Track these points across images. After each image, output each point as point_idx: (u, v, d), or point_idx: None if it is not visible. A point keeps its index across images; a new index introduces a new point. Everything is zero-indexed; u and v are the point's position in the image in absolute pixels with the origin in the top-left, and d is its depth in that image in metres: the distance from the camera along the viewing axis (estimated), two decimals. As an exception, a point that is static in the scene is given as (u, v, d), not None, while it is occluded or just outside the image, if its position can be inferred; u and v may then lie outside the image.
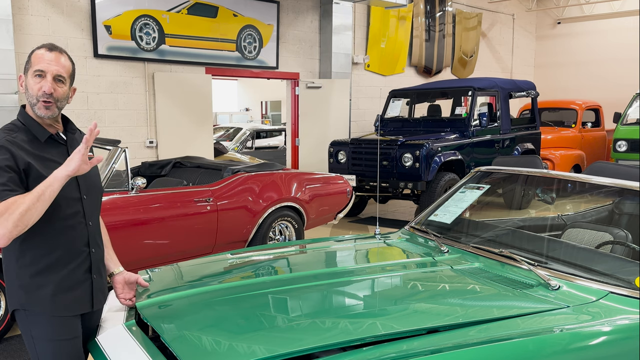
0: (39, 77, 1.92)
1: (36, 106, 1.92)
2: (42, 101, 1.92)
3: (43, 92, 1.91)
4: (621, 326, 2.00)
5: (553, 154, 9.72)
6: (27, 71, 1.95)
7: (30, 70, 1.93)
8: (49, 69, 1.93)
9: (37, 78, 1.92)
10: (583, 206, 3.66)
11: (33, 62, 1.93)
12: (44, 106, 1.92)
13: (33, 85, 1.92)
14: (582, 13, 14.15)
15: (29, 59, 1.96)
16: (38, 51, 1.95)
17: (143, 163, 6.07)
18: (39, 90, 1.91)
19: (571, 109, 10.97)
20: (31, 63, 1.94)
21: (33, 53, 1.96)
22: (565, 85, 14.25)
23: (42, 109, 1.92)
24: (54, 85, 1.93)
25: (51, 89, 1.92)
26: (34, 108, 1.93)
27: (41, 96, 1.91)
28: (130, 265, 4.14)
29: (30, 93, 1.93)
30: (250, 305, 2.09)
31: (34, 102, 1.92)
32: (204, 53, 7.88)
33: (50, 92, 1.91)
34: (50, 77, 1.93)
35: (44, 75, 1.92)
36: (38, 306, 1.93)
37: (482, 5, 12.91)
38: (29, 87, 1.93)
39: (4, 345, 3.96)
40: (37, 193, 1.77)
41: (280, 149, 11.87)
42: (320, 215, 5.95)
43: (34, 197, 1.76)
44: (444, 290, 2.30)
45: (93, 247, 2.05)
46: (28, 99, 1.94)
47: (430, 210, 3.22)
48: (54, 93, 1.92)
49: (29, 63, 1.95)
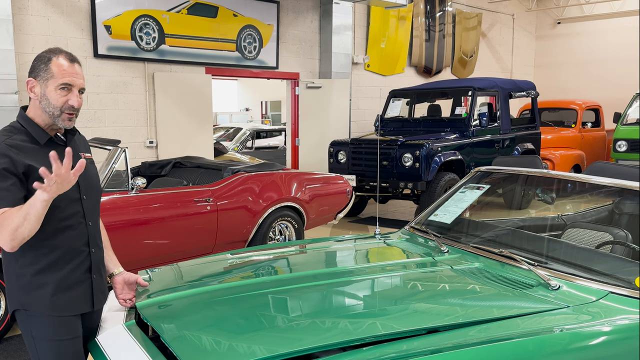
0: (65, 90, 1.92)
1: (60, 118, 1.93)
2: (66, 113, 1.93)
3: (71, 106, 1.92)
4: (621, 326, 2.00)
5: (553, 154, 9.72)
6: (45, 80, 1.91)
7: (53, 82, 1.90)
8: (76, 82, 1.93)
9: (62, 91, 1.91)
10: (583, 206, 3.66)
11: (56, 74, 1.90)
12: (68, 118, 1.94)
13: (57, 97, 1.91)
14: (582, 13, 14.15)
15: (47, 67, 1.91)
16: (58, 61, 1.92)
17: (143, 163, 6.07)
18: (66, 103, 1.92)
19: (571, 109, 10.97)
20: (52, 74, 1.91)
21: (52, 62, 1.91)
22: (565, 85, 14.25)
23: (67, 121, 1.94)
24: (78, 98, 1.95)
25: (79, 103, 1.95)
26: (56, 119, 1.93)
27: (66, 109, 1.92)
28: (130, 265, 4.14)
29: (52, 104, 1.91)
30: (250, 305, 2.09)
31: (57, 114, 1.92)
32: (204, 53, 7.88)
33: (78, 106, 1.95)
34: (77, 91, 1.94)
35: (71, 89, 1.93)
36: (38, 306, 1.93)
37: (482, 5, 12.91)
38: (50, 98, 1.91)
39: (4, 345, 3.96)
40: (23, 214, 1.76)
41: (280, 149, 11.87)
42: (320, 215, 5.95)
43: (21, 217, 1.76)
44: (444, 290, 2.30)
45: (93, 247, 2.05)
46: (47, 109, 1.92)
47: (430, 210, 3.22)
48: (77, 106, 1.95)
49: (48, 72, 1.91)
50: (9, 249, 1.81)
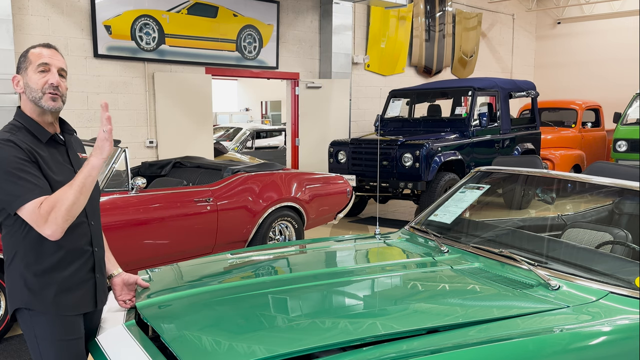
0: (43, 71, 1.92)
1: (42, 99, 1.92)
2: (48, 93, 1.92)
3: (50, 84, 1.91)
4: (621, 326, 2.00)
5: (553, 154, 9.72)
6: (25, 69, 1.94)
7: (32, 67, 1.92)
8: (53, 62, 1.94)
9: (41, 73, 1.92)
10: (583, 206, 3.66)
11: (32, 60, 1.93)
12: (51, 98, 1.92)
13: (37, 80, 1.91)
14: (582, 13, 14.15)
15: (25, 58, 1.95)
16: (34, 50, 1.96)
17: (143, 163, 6.07)
18: (45, 84, 1.91)
19: (571, 109, 10.97)
20: (30, 60, 1.94)
21: (29, 52, 1.96)
22: (566, 85, 14.25)
23: (49, 100, 1.92)
24: (59, 79, 1.95)
25: (58, 81, 1.93)
26: (39, 102, 1.92)
27: (47, 88, 1.91)
28: (130, 265, 4.15)
29: (33, 88, 1.92)
30: (250, 305, 2.09)
31: (39, 96, 1.91)
32: (204, 53, 7.88)
33: (57, 84, 1.93)
34: (55, 70, 1.94)
35: (49, 68, 1.93)
36: (42, 305, 1.92)
37: (482, 5, 12.92)
38: (31, 82, 1.92)
39: (4, 345, 3.96)
40: (78, 186, 1.79)
41: (280, 149, 11.87)
42: (320, 215, 5.95)
43: (77, 191, 1.79)
44: (444, 290, 2.30)
45: (96, 246, 2.05)
46: (30, 95, 1.93)
47: (430, 210, 3.22)
48: (59, 86, 1.94)
49: (26, 61, 1.94)
50: (59, 234, 1.81)
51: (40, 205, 1.78)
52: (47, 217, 1.78)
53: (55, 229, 1.79)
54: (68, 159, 2.02)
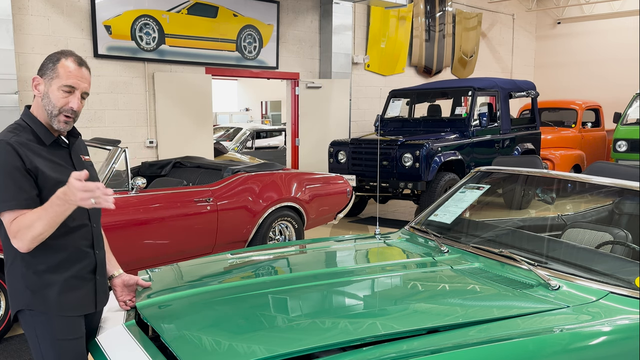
0: (68, 92, 1.91)
1: (56, 118, 1.92)
2: (64, 115, 1.92)
3: (70, 108, 1.92)
4: (621, 326, 2.00)
5: (553, 154, 9.72)
6: (50, 79, 1.91)
7: (58, 83, 1.90)
8: (80, 86, 1.93)
9: (64, 93, 1.91)
10: (583, 206, 3.66)
11: (61, 74, 1.90)
12: (64, 121, 1.93)
13: (59, 97, 1.90)
14: (582, 13, 14.15)
15: (54, 67, 1.91)
16: (66, 62, 1.92)
17: (143, 163, 6.07)
18: (66, 105, 1.91)
19: (571, 109, 10.97)
20: (58, 74, 1.90)
21: (60, 62, 1.91)
22: (566, 85, 14.25)
23: (62, 123, 1.93)
24: (79, 102, 1.94)
25: (78, 107, 1.94)
26: (52, 118, 1.92)
27: (66, 111, 1.92)
28: (130, 265, 4.15)
29: (52, 103, 1.91)
30: (250, 305, 2.09)
31: (55, 114, 1.91)
32: (204, 53, 7.88)
33: (77, 110, 1.94)
34: (79, 94, 1.93)
35: (74, 92, 1.92)
36: (44, 306, 1.93)
37: (482, 5, 12.91)
38: (52, 97, 1.91)
39: (4, 345, 3.96)
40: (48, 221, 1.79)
41: (280, 149, 11.87)
42: (320, 215, 5.95)
43: (46, 225, 1.80)
44: (444, 290, 2.30)
45: (97, 248, 2.06)
46: (46, 106, 1.92)
47: (430, 210, 3.22)
48: (77, 110, 1.94)
49: (54, 72, 1.91)
50: (25, 250, 1.84)
51: (12, 222, 1.81)
52: (15, 234, 1.82)
53: (21, 247, 1.84)
54: (71, 161, 2.02)
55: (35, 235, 1.81)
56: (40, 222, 1.79)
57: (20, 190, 1.82)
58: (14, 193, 1.82)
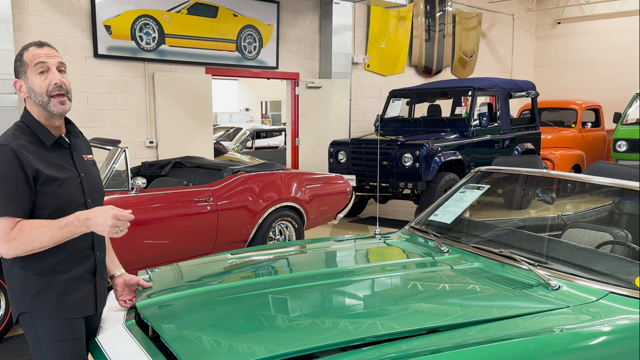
0: (43, 72, 1.88)
1: (50, 104, 1.87)
2: (55, 95, 1.87)
3: (54, 85, 1.86)
4: (621, 326, 2.00)
5: (553, 154, 9.72)
6: (24, 73, 1.89)
7: (30, 69, 1.88)
8: (50, 60, 1.89)
9: (41, 75, 1.87)
10: (583, 206, 3.66)
11: (28, 61, 1.88)
12: (59, 102, 1.88)
13: (40, 82, 1.87)
14: (582, 13, 14.15)
15: (21, 60, 1.90)
16: (27, 51, 1.91)
17: (143, 163, 6.06)
18: (49, 85, 1.86)
19: (571, 109, 10.97)
20: (26, 63, 1.89)
21: (23, 55, 1.91)
22: (566, 85, 14.25)
23: (58, 105, 1.88)
24: (61, 76, 1.89)
25: (61, 79, 1.88)
26: (47, 107, 1.88)
27: (52, 90, 1.87)
28: (130, 265, 4.15)
29: (38, 92, 1.87)
30: (250, 305, 2.09)
31: (46, 101, 1.87)
32: (204, 53, 7.88)
33: (61, 84, 1.88)
34: (55, 68, 1.89)
35: (47, 67, 1.88)
36: (44, 308, 1.92)
37: (482, 5, 12.91)
38: (34, 86, 1.87)
39: (4, 345, 3.96)
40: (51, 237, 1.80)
41: (280, 149, 11.87)
42: (320, 215, 5.95)
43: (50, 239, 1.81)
44: (444, 290, 2.30)
45: (97, 250, 2.05)
46: (37, 100, 1.88)
47: (430, 210, 3.21)
48: (63, 84, 1.89)
49: (22, 65, 1.89)
50: (9, 256, 1.84)
51: (13, 228, 1.79)
52: (11, 241, 1.79)
53: (6, 254, 1.83)
54: (72, 161, 2.00)
55: (36, 248, 1.81)
56: (49, 238, 1.80)
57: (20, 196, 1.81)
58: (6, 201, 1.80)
